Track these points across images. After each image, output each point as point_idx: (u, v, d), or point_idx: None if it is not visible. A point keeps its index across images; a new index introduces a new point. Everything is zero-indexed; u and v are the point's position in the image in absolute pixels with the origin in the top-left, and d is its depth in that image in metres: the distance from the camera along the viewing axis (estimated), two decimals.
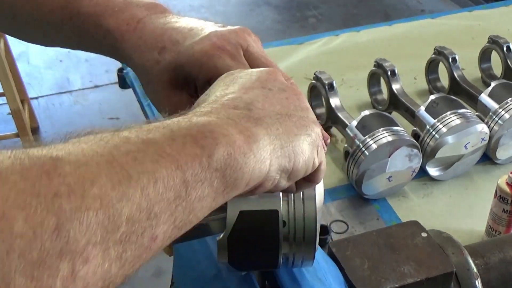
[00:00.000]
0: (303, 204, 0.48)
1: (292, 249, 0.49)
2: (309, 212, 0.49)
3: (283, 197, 0.48)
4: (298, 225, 0.48)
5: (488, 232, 0.86)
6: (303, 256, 0.50)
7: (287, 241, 0.49)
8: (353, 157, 0.91)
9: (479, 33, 1.39)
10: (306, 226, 0.49)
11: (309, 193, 0.49)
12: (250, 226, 0.48)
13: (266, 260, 0.50)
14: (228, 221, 0.48)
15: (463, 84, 1.12)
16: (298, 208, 0.48)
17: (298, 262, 0.51)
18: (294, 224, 0.48)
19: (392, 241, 0.64)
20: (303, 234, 0.49)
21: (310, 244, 0.49)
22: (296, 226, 0.48)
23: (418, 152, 0.92)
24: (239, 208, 0.48)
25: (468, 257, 0.64)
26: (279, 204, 0.48)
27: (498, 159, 1.01)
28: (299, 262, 0.51)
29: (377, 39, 1.41)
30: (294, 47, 1.38)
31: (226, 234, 0.48)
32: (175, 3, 3.77)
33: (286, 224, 0.48)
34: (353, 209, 0.93)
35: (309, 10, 3.70)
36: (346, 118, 1.01)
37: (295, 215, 0.48)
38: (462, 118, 0.94)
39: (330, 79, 1.05)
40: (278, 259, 0.50)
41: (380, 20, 3.30)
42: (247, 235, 0.48)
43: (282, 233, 0.48)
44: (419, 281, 0.61)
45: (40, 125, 2.73)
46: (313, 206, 0.49)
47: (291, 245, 0.49)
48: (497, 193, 0.82)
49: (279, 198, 0.48)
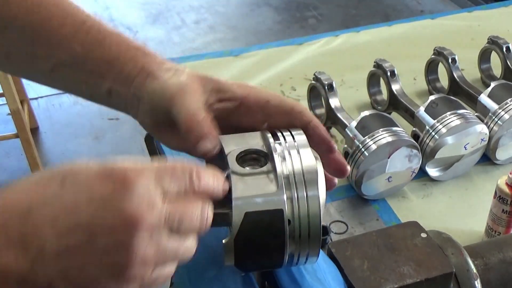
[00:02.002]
0: (307, 201, 0.49)
1: (298, 247, 0.50)
2: (313, 208, 0.49)
3: (287, 196, 0.49)
4: (303, 222, 0.49)
5: (488, 233, 0.86)
6: (308, 252, 0.51)
7: (293, 239, 0.49)
8: (353, 158, 0.91)
9: (478, 34, 1.39)
10: (311, 222, 0.49)
11: (312, 191, 0.49)
12: (256, 227, 0.48)
13: (272, 260, 0.51)
14: (234, 224, 0.48)
15: (463, 85, 1.12)
16: (302, 206, 0.49)
17: (303, 259, 0.51)
18: (299, 222, 0.49)
19: (392, 242, 0.64)
20: (308, 231, 0.49)
21: (315, 240, 0.50)
22: (301, 223, 0.49)
23: (417, 153, 0.92)
24: (244, 210, 0.48)
25: (468, 257, 0.64)
26: (283, 203, 0.48)
27: (497, 159, 1.01)
28: (304, 259, 0.51)
29: (376, 39, 1.41)
30: (294, 47, 1.38)
31: (232, 237, 0.48)
32: (175, 4, 3.77)
33: (291, 222, 0.48)
34: (352, 210, 0.94)
35: (309, 11, 3.70)
36: (345, 118, 1.01)
37: (299, 213, 0.49)
38: (461, 119, 0.94)
39: (330, 80, 1.05)
40: (283, 258, 0.50)
41: (379, 20, 3.30)
42: (253, 236, 0.48)
43: (288, 231, 0.48)
44: (419, 281, 0.61)
45: (39, 125, 2.73)
46: (317, 203, 0.49)
47: (296, 242, 0.49)
48: (497, 193, 0.82)
49: (283, 197, 0.48)
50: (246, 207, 0.48)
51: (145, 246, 0.39)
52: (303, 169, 0.50)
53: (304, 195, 0.49)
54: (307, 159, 0.51)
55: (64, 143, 2.66)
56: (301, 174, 0.50)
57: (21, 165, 2.33)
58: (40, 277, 0.36)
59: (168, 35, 3.44)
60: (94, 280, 0.38)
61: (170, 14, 3.68)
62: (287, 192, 0.49)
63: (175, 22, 3.60)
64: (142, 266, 0.39)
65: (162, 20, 3.61)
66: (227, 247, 0.48)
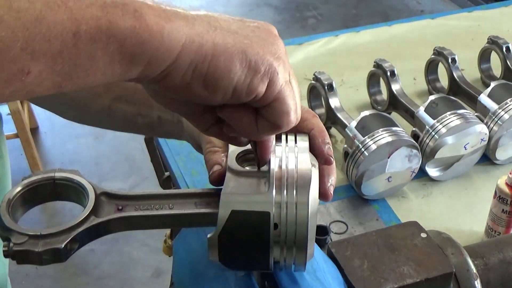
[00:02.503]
0: (296, 207, 0.48)
1: (283, 253, 0.49)
2: (301, 216, 0.48)
3: (275, 200, 0.48)
4: (289, 229, 0.48)
5: (488, 233, 0.86)
6: (295, 260, 0.50)
7: (278, 244, 0.48)
8: (353, 158, 0.91)
9: (478, 34, 1.39)
10: (298, 231, 0.48)
11: (302, 198, 0.48)
12: (241, 226, 0.47)
13: (256, 261, 0.50)
14: (219, 219, 0.47)
15: (463, 85, 1.12)
16: (291, 212, 0.48)
17: (289, 266, 0.50)
18: (285, 228, 0.48)
19: (392, 242, 0.64)
20: (294, 238, 0.48)
21: (301, 249, 0.49)
22: (287, 230, 0.48)
23: (417, 153, 0.92)
24: (231, 207, 0.47)
25: (468, 257, 0.64)
26: (271, 206, 0.48)
27: (497, 159, 1.01)
28: (291, 266, 0.51)
29: (376, 39, 1.41)
30: (293, 47, 1.39)
31: (217, 232, 0.48)
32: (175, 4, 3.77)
33: (278, 226, 0.48)
34: (352, 210, 0.94)
35: (308, 11, 3.70)
36: (345, 118, 1.01)
37: (287, 219, 0.48)
38: (461, 119, 0.94)
39: (330, 80, 1.05)
40: (268, 261, 0.49)
41: (379, 20, 3.30)
42: (237, 235, 0.48)
43: (273, 236, 0.48)
44: (419, 281, 0.61)
45: (39, 125, 2.73)
46: (306, 211, 0.48)
47: (282, 248, 0.49)
48: (497, 193, 0.82)
49: (272, 201, 0.48)
50: (233, 205, 0.47)
51: (283, 48, 0.46)
52: (297, 175, 0.49)
53: (294, 201, 0.48)
54: (302, 164, 0.50)
55: (64, 143, 2.66)
56: (294, 179, 0.49)
57: (21, 165, 2.33)
58: (204, 43, 0.41)
59: None
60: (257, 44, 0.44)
61: None
62: (277, 196, 0.48)
63: None
64: (283, 55, 0.45)
65: None
66: (211, 242, 0.48)
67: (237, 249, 0.49)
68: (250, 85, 0.43)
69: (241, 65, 0.42)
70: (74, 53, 0.36)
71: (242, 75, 0.42)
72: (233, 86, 0.43)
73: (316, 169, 0.52)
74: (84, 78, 0.38)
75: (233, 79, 0.42)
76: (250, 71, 0.43)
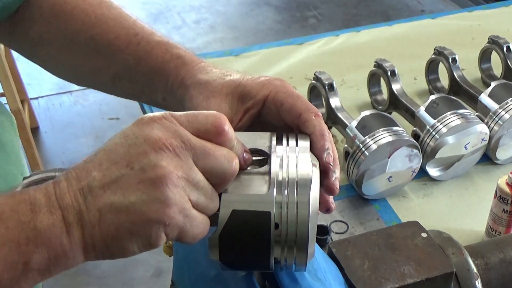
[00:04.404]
0: (297, 207, 0.48)
1: (284, 253, 0.49)
2: (302, 216, 0.48)
3: (276, 200, 0.48)
4: (290, 229, 0.48)
5: (488, 232, 0.86)
6: (296, 260, 0.50)
7: (279, 244, 0.48)
8: (353, 157, 0.91)
9: (479, 33, 1.39)
10: (299, 231, 0.48)
11: (303, 198, 0.48)
12: (242, 226, 0.48)
13: (257, 261, 0.50)
14: (220, 219, 0.47)
15: (463, 85, 1.12)
16: (291, 211, 0.48)
17: (290, 265, 0.50)
18: (286, 228, 0.48)
19: (392, 242, 0.64)
20: (295, 238, 0.48)
21: (302, 249, 0.49)
22: (288, 230, 0.48)
23: (418, 153, 0.92)
24: (232, 207, 0.47)
25: (468, 257, 0.64)
26: (272, 206, 0.48)
27: (498, 159, 1.01)
28: (291, 265, 0.51)
29: (377, 39, 1.41)
30: (294, 47, 1.38)
31: (218, 232, 0.48)
32: (175, 3, 3.77)
33: (279, 226, 0.48)
34: (353, 210, 0.94)
35: (309, 11, 3.70)
36: (346, 118, 1.01)
37: (287, 219, 0.48)
38: (462, 119, 0.94)
39: (330, 79, 1.05)
40: (269, 261, 0.49)
41: (380, 20, 3.30)
42: (238, 235, 0.48)
43: (274, 236, 0.48)
44: (419, 281, 0.61)
45: (40, 125, 2.73)
46: (306, 210, 0.48)
47: (283, 248, 0.49)
48: (497, 193, 0.82)
49: (273, 201, 0.48)
50: (235, 204, 0.48)
51: (173, 165, 0.44)
52: (298, 175, 0.49)
53: (294, 201, 0.48)
54: (303, 165, 0.50)
55: (64, 143, 2.66)
56: (294, 179, 0.49)
57: None
58: (91, 210, 0.44)
59: (168, 34, 3.42)
60: (138, 207, 0.44)
61: (170, 14, 3.68)
62: (278, 196, 0.48)
63: (176, 21, 3.60)
64: (177, 182, 0.44)
65: (163, 20, 3.61)
66: (212, 242, 0.48)
67: (238, 249, 0.49)
68: (156, 242, 0.45)
69: (136, 243, 0.45)
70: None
71: (142, 247, 0.45)
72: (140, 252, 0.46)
73: (317, 169, 0.52)
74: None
75: (136, 252, 0.46)
76: (145, 241, 0.45)
